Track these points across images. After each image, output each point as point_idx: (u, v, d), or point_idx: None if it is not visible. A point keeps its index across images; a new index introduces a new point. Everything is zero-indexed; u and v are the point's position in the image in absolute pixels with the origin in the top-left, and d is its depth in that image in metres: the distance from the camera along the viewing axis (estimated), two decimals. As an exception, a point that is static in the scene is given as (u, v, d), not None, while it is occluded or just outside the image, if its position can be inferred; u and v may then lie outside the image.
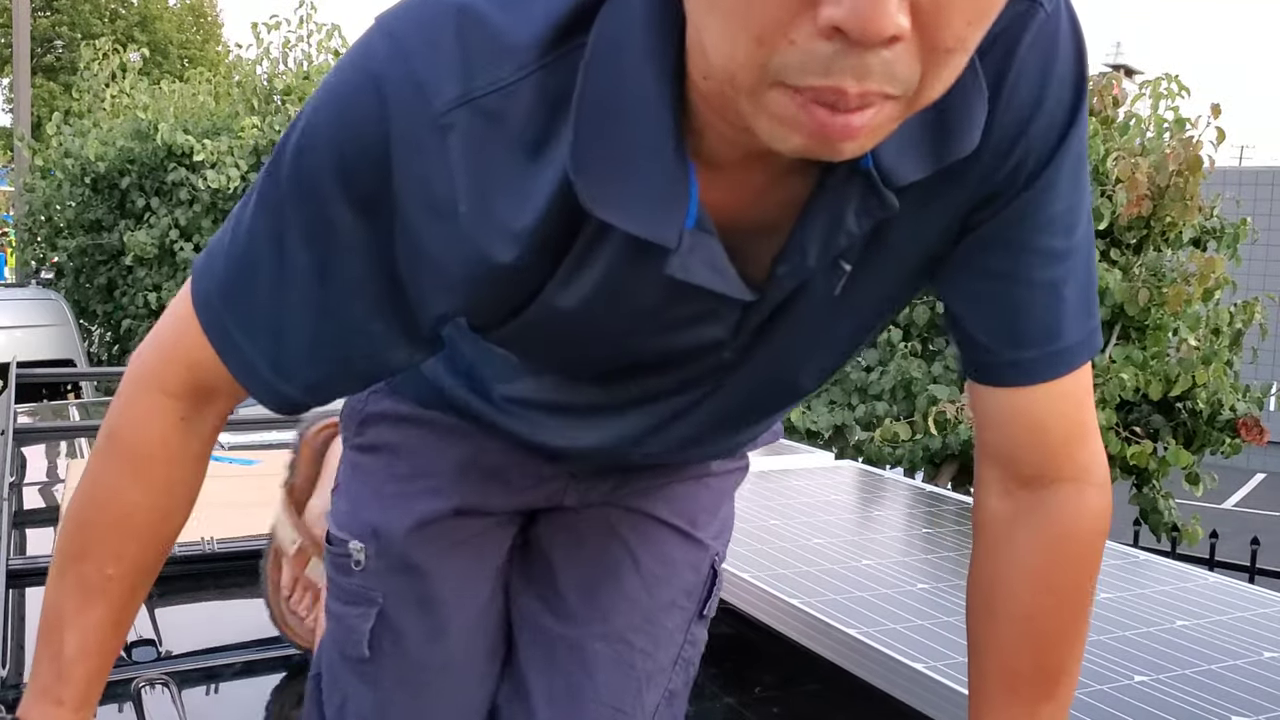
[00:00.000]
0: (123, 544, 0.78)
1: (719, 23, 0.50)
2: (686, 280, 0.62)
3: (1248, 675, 1.18)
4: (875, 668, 1.19)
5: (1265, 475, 11.46)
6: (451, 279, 0.65)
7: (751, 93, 0.52)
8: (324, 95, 0.63)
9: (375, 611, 0.92)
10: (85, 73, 8.88)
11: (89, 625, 0.79)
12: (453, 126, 0.60)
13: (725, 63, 0.51)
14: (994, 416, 0.76)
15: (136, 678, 1.28)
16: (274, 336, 0.70)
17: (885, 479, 2.06)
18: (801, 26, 0.48)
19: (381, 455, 0.95)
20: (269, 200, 0.67)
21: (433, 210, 0.62)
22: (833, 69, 0.48)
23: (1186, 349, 4.12)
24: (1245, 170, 11.99)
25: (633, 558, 0.96)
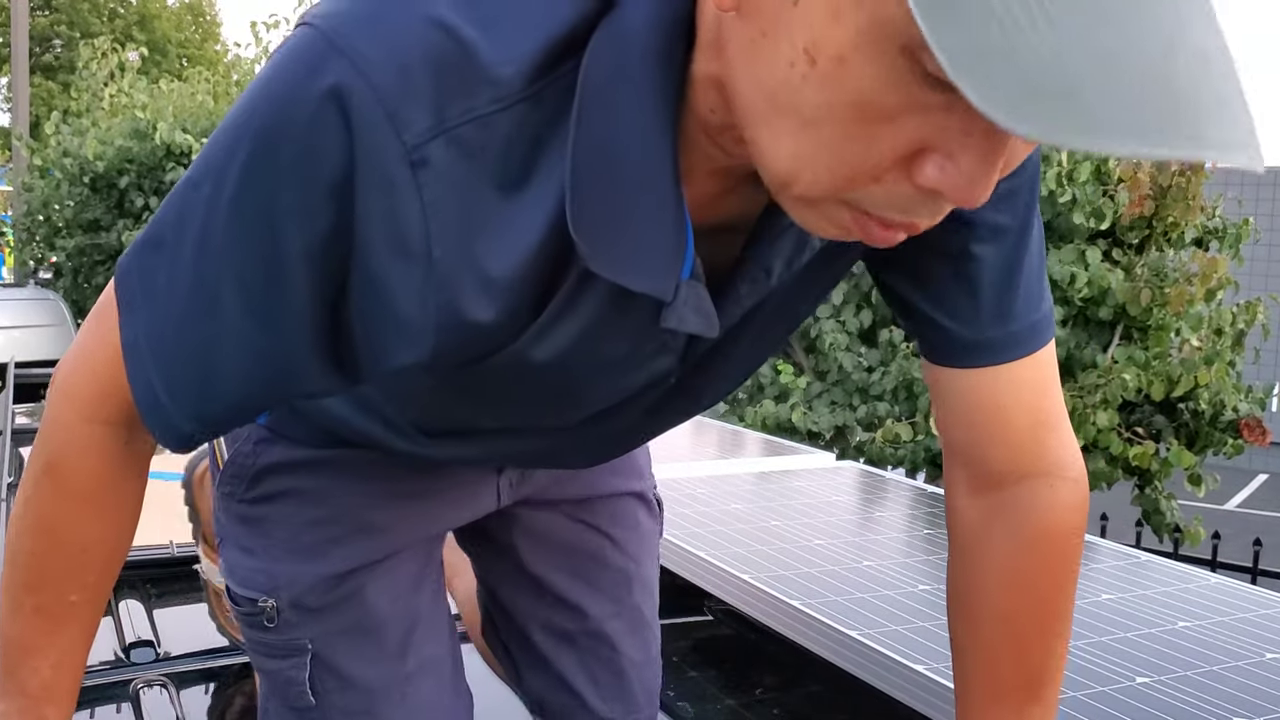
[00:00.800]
0: (85, 573, 0.76)
1: (806, 143, 0.48)
2: (680, 329, 0.59)
3: (1250, 676, 1.18)
4: (876, 669, 1.19)
5: (1267, 476, 11.46)
6: (416, 329, 0.58)
7: (810, 203, 0.51)
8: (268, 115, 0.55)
9: (308, 659, 0.88)
10: (84, 72, 8.88)
11: (63, 646, 0.77)
12: (426, 162, 0.53)
13: (790, 175, 0.50)
14: (957, 410, 0.74)
15: (135, 678, 1.27)
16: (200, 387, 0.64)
17: (887, 480, 2.06)
18: (898, 175, 0.48)
19: (287, 504, 0.88)
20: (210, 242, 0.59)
21: (401, 253, 0.55)
22: (911, 210, 0.49)
23: (1189, 349, 4.12)
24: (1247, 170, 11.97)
25: (607, 538, 1.02)
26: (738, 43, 0.50)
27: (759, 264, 0.62)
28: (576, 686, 1.03)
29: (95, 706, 1.29)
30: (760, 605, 1.37)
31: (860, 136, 0.47)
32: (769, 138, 0.50)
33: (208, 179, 0.59)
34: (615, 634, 1.03)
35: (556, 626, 1.03)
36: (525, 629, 1.05)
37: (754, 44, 0.49)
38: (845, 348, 4.63)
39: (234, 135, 0.57)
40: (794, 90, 0.47)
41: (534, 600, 1.03)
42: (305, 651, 0.89)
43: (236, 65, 8.59)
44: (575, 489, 1.01)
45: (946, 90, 0.44)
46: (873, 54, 0.44)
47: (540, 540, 1.02)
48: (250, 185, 0.56)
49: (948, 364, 0.73)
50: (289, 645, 0.89)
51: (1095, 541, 1.71)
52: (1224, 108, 0.40)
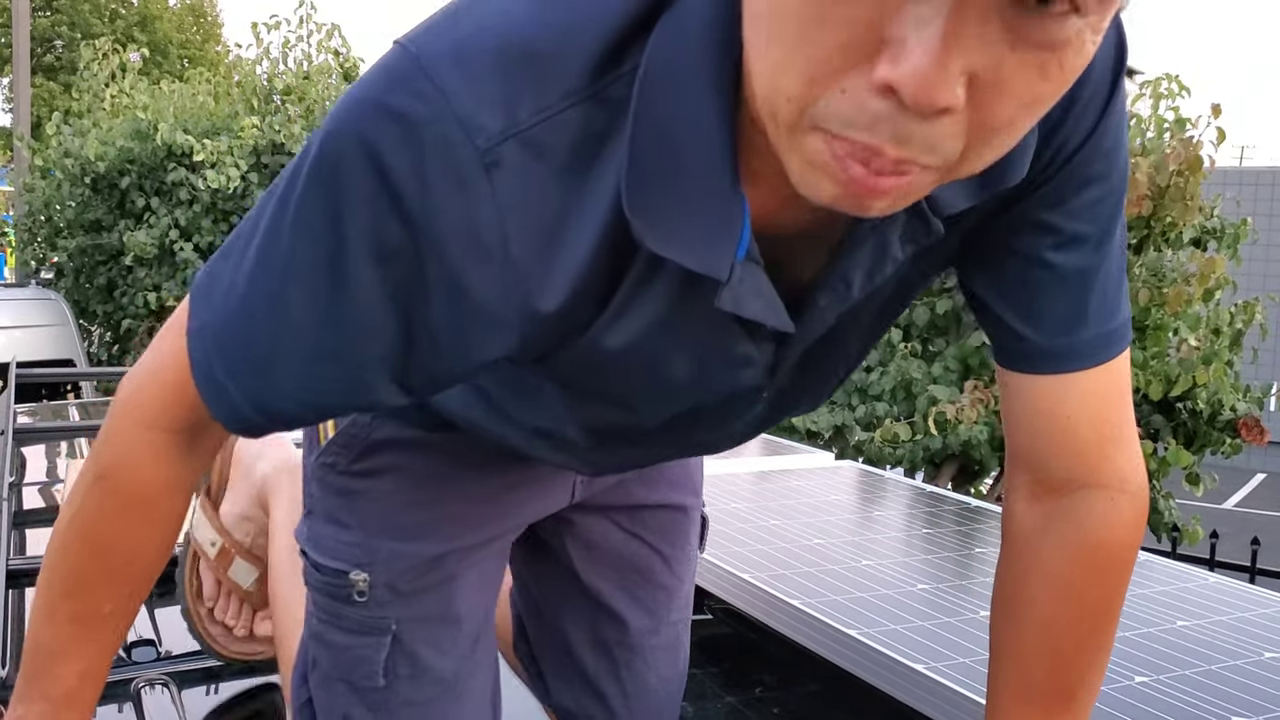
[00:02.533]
0: (124, 584, 0.77)
1: (773, 53, 0.48)
2: (736, 312, 0.59)
3: (1248, 676, 1.18)
4: (875, 668, 1.19)
5: (1265, 475, 11.46)
6: (500, 322, 0.60)
7: (790, 130, 0.50)
8: (345, 133, 0.57)
9: (389, 639, 0.89)
10: (85, 72, 8.88)
11: (91, 655, 0.78)
12: (499, 163, 0.55)
13: (769, 94, 0.50)
14: (1023, 415, 0.74)
15: (136, 678, 1.28)
16: (262, 378, 0.66)
17: (885, 479, 2.06)
18: (856, 77, 0.46)
19: (391, 480, 0.90)
20: (276, 245, 0.61)
21: (479, 253, 0.57)
22: (876, 128, 0.47)
23: (1187, 349, 4.12)
24: (1246, 170, 11.99)
25: (657, 553, 1.04)
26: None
27: (838, 275, 0.62)
28: (609, 699, 1.04)
29: (96, 705, 1.29)
30: (760, 604, 1.37)
31: (814, 23, 0.46)
32: (754, 62, 0.50)
33: (281, 185, 0.61)
34: (653, 649, 1.05)
35: (599, 636, 1.05)
36: (568, 638, 1.06)
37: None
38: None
39: (313, 143, 0.59)
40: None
41: (581, 609, 1.05)
42: (388, 632, 0.89)
43: (238, 66, 8.59)
44: (634, 494, 1.02)
45: None
46: None
47: (593, 548, 1.03)
48: (318, 188, 0.58)
49: (1017, 369, 0.72)
50: (372, 623, 0.89)
51: (1094, 541, 1.72)
52: None
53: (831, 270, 0.62)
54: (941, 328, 4.64)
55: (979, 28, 0.44)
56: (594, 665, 1.05)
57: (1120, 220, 0.69)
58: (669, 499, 1.03)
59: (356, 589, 0.89)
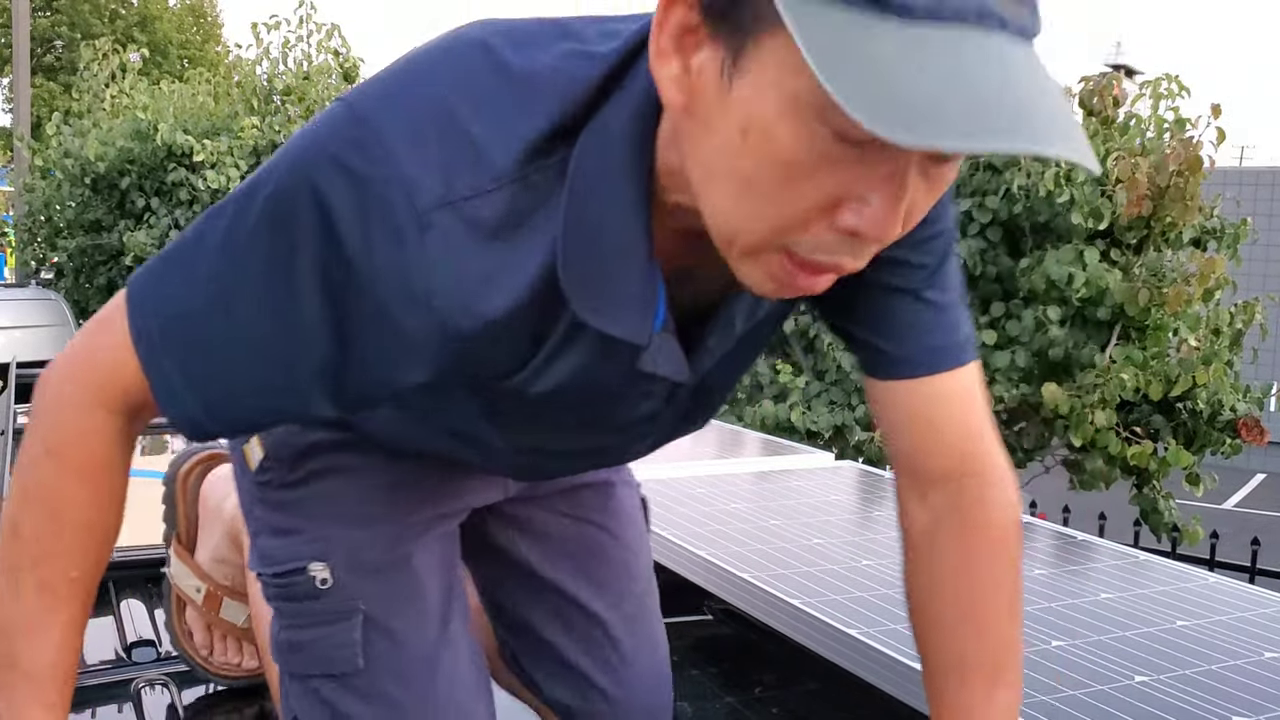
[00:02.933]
0: (86, 549, 0.80)
1: (744, 204, 0.60)
2: (653, 372, 0.71)
3: (1248, 675, 1.18)
4: (875, 667, 1.19)
5: (1265, 476, 11.46)
6: (425, 355, 0.68)
7: (749, 253, 0.62)
8: (298, 179, 0.65)
9: (360, 619, 0.91)
10: (85, 73, 8.88)
11: (65, 624, 0.80)
12: (432, 226, 0.63)
13: (734, 232, 0.62)
14: (896, 423, 0.86)
15: (136, 678, 1.28)
16: (209, 382, 0.73)
17: (885, 479, 2.06)
18: (822, 222, 0.59)
19: (332, 480, 0.94)
20: (230, 259, 0.69)
21: (407, 298, 0.66)
22: (838, 253, 0.61)
23: (1187, 349, 4.12)
24: (1245, 170, 11.99)
25: (603, 529, 1.09)
26: (688, 134, 0.62)
27: (724, 319, 0.75)
28: (599, 680, 1.07)
29: (96, 706, 1.29)
30: (760, 604, 1.37)
31: (787, 191, 0.58)
32: (715, 203, 0.62)
33: (230, 211, 0.69)
34: (625, 622, 1.08)
35: (572, 623, 1.08)
36: (542, 634, 1.08)
37: (700, 132, 0.61)
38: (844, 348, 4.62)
39: (263, 180, 0.68)
40: (733, 161, 0.59)
41: (549, 601, 1.08)
42: (358, 612, 0.92)
43: (237, 66, 8.59)
44: (563, 480, 1.07)
45: (854, 146, 0.56)
46: (793, 122, 0.56)
47: (544, 540, 1.07)
48: (273, 223, 0.67)
49: (882, 376, 0.85)
50: (340, 609, 0.92)
51: (1093, 541, 1.72)
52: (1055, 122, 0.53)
53: (718, 316, 0.74)
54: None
55: (913, 182, 0.59)
56: (575, 652, 1.07)
57: (952, 256, 0.83)
58: (595, 477, 1.09)
59: (319, 579, 0.92)
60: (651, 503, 1.75)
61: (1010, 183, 4.28)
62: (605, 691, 1.08)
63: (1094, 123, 4.40)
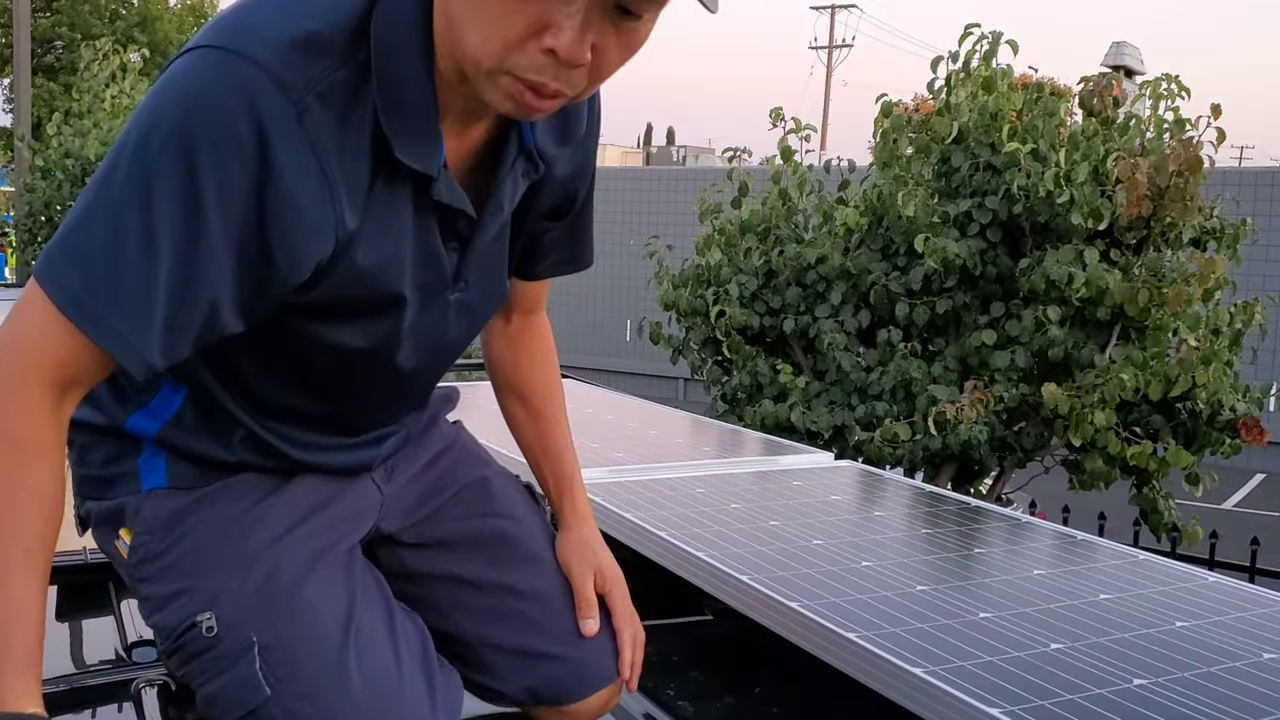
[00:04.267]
0: (35, 521, 0.84)
1: (476, 32, 0.81)
2: (442, 199, 0.91)
3: (1247, 677, 1.18)
4: (874, 672, 1.19)
5: (1265, 476, 11.46)
6: (323, 227, 0.86)
7: (490, 74, 0.83)
8: (189, 108, 0.80)
9: (255, 651, 0.94)
10: (85, 73, 8.88)
11: (27, 595, 0.83)
12: (306, 110, 0.83)
13: (476, 52, 0.82)
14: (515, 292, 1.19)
15: (136, 678, 1.28)
16: (143, 312, 0.82)
17: (885, 479, 2.06)
18: (533, 43, 0.81)
19: (203, 529, 1.00)
20: (138, 204, 0.81)
21: (305, 175, 0.84)
22: (544, 72, 0.82)
23: (1186, 349, 4.12)
24: (1245, 171, 11.98)
25: (499, 516, 1.17)
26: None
27: (495, 199, 0.97)
28: (545, 649, 1.12)
29: (96, 706, 1.29)
30: (759, 607, 1.37)
31: (508, 15, 0.80)
32: (462, 36, 0.83)
33: (123, 166, 0.81)
34: (547, 586, 1.14)
35: (502, 612, 1.13)
36: (482, 640, 1.13)
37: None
38: (844, 347, 4.63)
39: (146, 130, 0.81)
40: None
41: (478, 602, 1.13)
42: (253, 645, 0.94)
43: (236, 66, 8.57)
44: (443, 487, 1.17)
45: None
46: None
47: (452, 547, 1.15)
48: (172, 150, 0.80)
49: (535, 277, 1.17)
50: (235, 648, 0.94)
51: (1093, 540, 1.72)
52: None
53: (490, 197, 0.97)
54: (941, 327, 4.64)
55: (599, 23, 0.81)
56: (514, 635, 1.12)
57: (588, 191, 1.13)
58: (475, 474, 1.19)
59: (205, 627, 0.96)
60: (652, 503, 1.75)
61: (1010, 183, 4.28)
62: (556, 655, 1.12)
63: (1094, 123, 4.40)
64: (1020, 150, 4.21)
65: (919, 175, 4.59)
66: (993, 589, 1.43)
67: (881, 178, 4.72)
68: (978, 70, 4.51)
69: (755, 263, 4.90)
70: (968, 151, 4.46)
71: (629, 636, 1.15)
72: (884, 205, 4.65)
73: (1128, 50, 6.44)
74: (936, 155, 4.55)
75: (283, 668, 0.94)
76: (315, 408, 1.02)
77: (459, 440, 1.23)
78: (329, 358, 0.98)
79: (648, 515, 1.67)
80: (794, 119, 4.98)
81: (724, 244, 5.01)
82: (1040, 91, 4.37)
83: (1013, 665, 1.18)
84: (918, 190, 4.49)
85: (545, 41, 0.80)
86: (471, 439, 1.26)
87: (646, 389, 14.16)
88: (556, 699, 1.13)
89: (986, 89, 4.45)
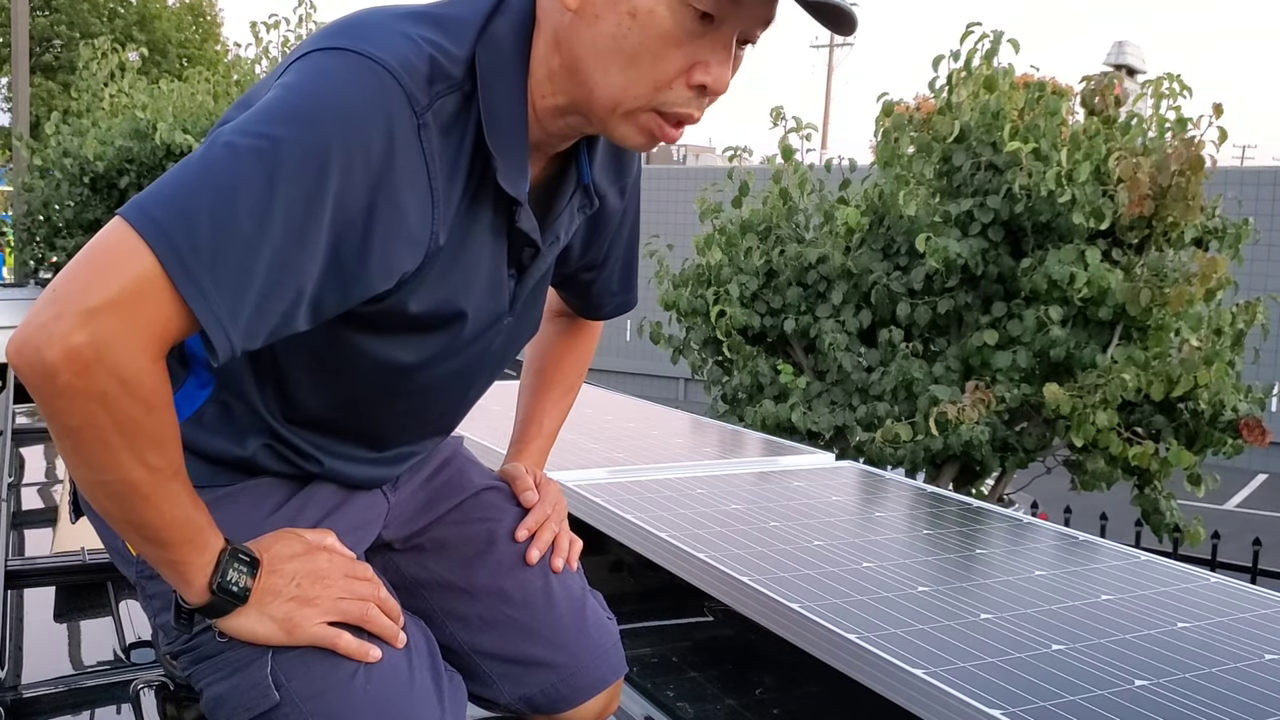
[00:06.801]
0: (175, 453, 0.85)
1: (626, 72, 0.88)
2: (521, 227, 0.97)
3: (1249, 679, 1.18)
4: (875, 673, 1.19)
5: (1267, 476, 11.46)
6: (419, 238, 0.89)
7: (630, 113, 0.90)
8: (326, 102, 0.83)
9: (269, 656, 0.93)
10: (84, 72, 8.88)
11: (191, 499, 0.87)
12: (425, 124, 0.87)
13: (619, 94, 0.89)
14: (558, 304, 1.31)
15: (136, 678, 1.27)
16: (240, 288, 0.80)
17: (886, 480, 2.06)
18: (681, 81, 0.89)
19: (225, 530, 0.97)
20: (256, 175, 0.80)
21: (415, 187, 0.88)
22: (690, 105, 0.90)
23: (1188, 349, 4.11)
24: (1247, 170, 11.97)
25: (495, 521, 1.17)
26: (577, 31, 0.89)
27: (552, 230, 1.02)
28: (541, 656, 1.12)
29: (95, 707, 1.29)
30: (759, 608, 1.37)
31: (662, 59, 0.87)
32: (604, 79, 0.89)
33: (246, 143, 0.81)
34: (542, 592, 1.14)
35: (496, 621, 1.13)
36: (477, 645, 1.12)
37: (591, 24, 0.88)
38: (845, 348, 4.62)
39: (281, 117, 0.82)
40: (623, 39, 0.87)
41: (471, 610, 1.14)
42: (266, 650, 0.93)
43: (237, 65, 8.59)
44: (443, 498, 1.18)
45: (705, 22, 0.86)
46: (669, 5, 0.86)
47: (449, 551, 1.16)
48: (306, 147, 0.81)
49: (601, 318, 1.31)
50: (248, 653, 0.94)
51: (1095, 541, 1.71)
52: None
53: (548, 228, 1.02)
54: (942, 327, 4.64)
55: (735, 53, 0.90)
56: (512, 643, 1.12)
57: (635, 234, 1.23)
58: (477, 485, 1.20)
59: (217, 631, 0.94)
60: (652, 503, 1.75)
61: (1012, 182, 4.27)
62: (549, 662, 1.12)
63: (1095, 122, 4.39)
64: (1022, 149, 4.20)
65: (920, 174, 4.58)
66: (994, 590, 1.43)
67: (883, 177, 4.71)
68: (979, 69, 4.51)
69: (756, 262, 4.90)
70: (969, 151, 4.45)
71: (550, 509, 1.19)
72: (885, 205, 4.65)
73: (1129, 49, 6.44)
74: (938, 154, 4.55)
75: (294, 673, 0.93)
76: (346, 418, 1.02)
77: (460, 453, 1.24)
78: (374, 370, 0.98)
79: (648, 516, 1.67)
80: (795, 118, 4.98)
81: (724, 244, 5.00)
82: (1042, 90, 4.37)
83: (1014, 666, 1.18)
84: (919, 190, 4.49)
85: (695, 78, 0.88)
86: (469, 453, 1.27)
87: (647, 389, 14.16)
88: (552, 707, 1.13)
89: (988, 88, 4.45)
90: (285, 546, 0.95)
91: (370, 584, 0.96)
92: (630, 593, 1.18)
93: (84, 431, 0.80)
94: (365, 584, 0.96)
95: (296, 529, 0.98)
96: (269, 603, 0.92)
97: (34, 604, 1.57)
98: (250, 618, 0.92)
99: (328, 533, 0.99)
